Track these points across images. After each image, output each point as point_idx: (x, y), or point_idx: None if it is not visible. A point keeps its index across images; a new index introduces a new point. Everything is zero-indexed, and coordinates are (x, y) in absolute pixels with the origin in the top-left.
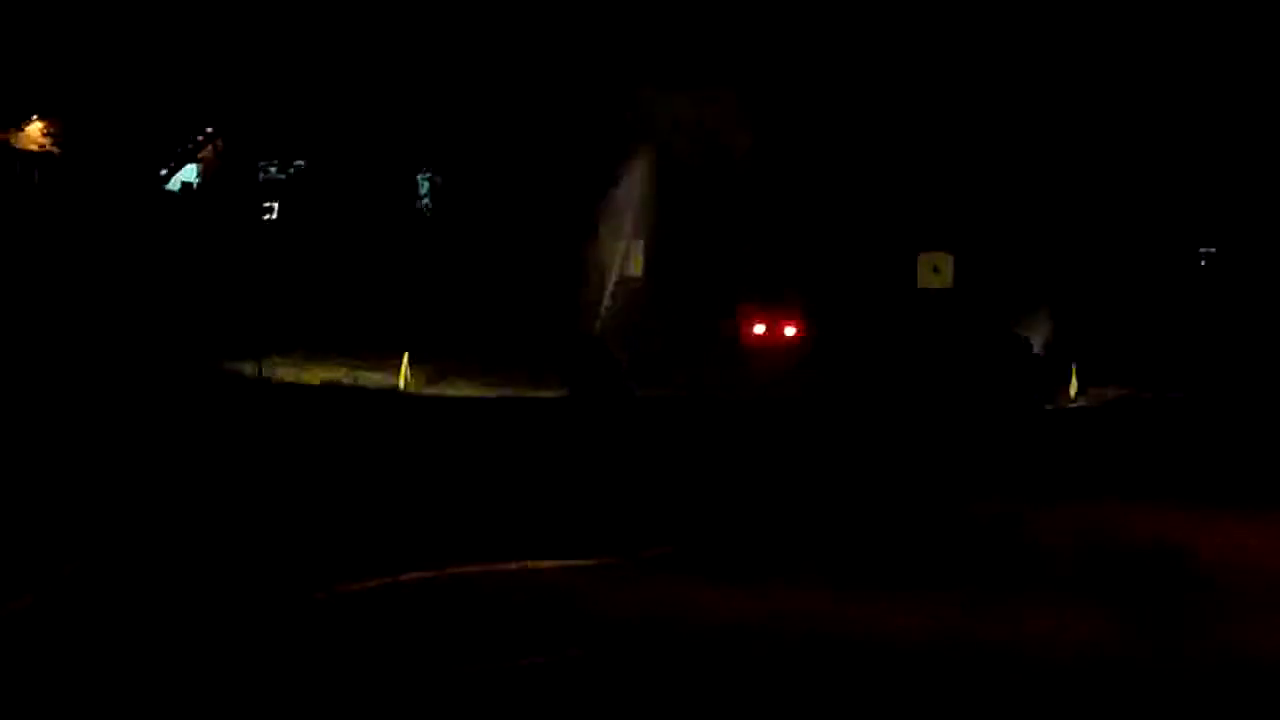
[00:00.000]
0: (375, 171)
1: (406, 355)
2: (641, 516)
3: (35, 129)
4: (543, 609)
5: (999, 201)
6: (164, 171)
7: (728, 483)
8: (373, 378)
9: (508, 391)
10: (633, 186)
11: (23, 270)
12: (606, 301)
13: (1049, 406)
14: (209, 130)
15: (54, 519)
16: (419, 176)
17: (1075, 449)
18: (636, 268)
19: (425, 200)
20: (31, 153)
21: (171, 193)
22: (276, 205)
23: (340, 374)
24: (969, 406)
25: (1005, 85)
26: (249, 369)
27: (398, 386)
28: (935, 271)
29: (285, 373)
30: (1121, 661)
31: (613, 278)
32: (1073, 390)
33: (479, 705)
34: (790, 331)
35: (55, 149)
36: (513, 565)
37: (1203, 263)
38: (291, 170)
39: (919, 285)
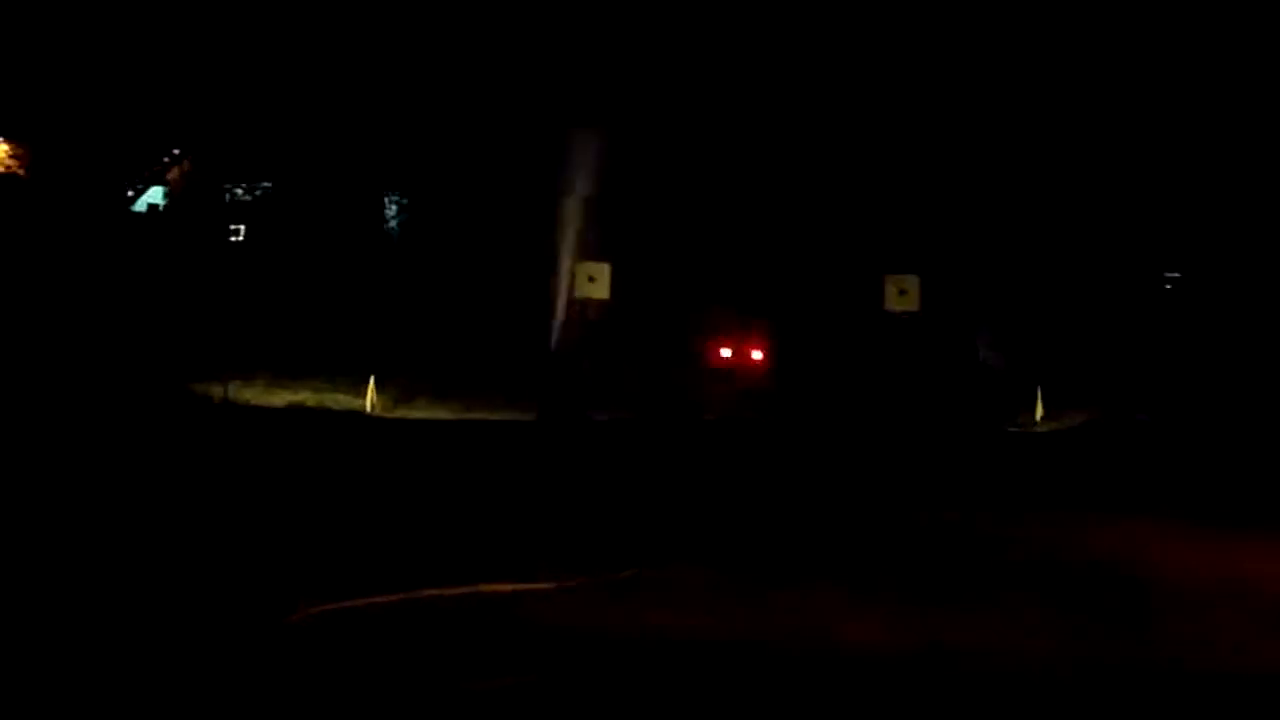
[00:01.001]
0: (342, 194)
1: (373, 378)
2: (606, 540)
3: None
4: (500, 631)
5: (966, 224)
6: (130, 193)
7: (695, 505)
8: (339, 400)
9: (474, 414)
10: (593, 210)
11: None
12: (559, 323)
13: (1013, 429)
14: (175, 152)
15: (19, 540)
16: (386, 199)
17: (1039, 472)
18: (603, 290)
19: (392, 223)
20: None
21: (138, 214)
22: (243, 227)
23: (305, 396)
24: (928, 429)
25: (972, 110)
26: (215, 391)
27: (364, 409)
28: (902, 294)
29: (251, 395)
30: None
31: (562, 301)
32: (1038, 414)
33: None
34: (757, 355)
35: (21, 171)
36: (473, 589)
37: (1168, 287)
38: (258, 192)
39: (885, 307)
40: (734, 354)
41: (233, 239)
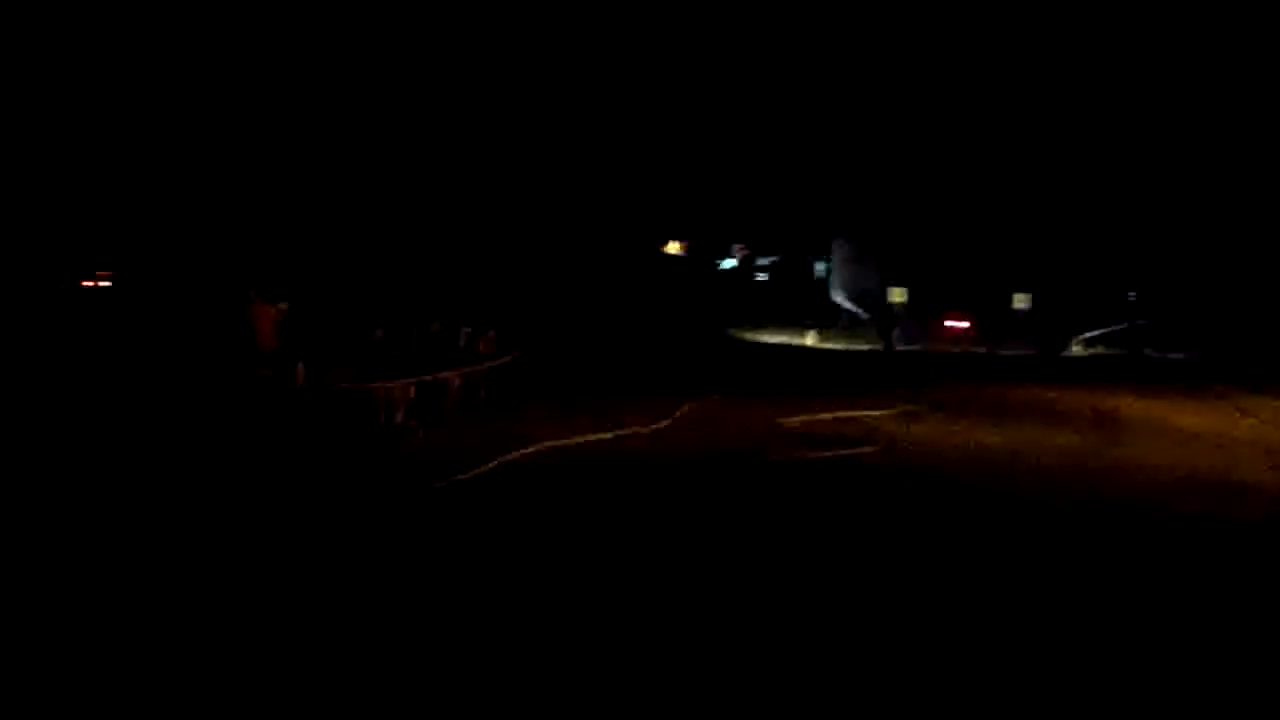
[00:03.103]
0: (798, 256)
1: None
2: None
3: (674, 245)
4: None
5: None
6: (718, 261)
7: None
8: (780, 337)
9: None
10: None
11: (655, 298)
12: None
13: (1062, 354)
14: (740, 243)
15: None
16: (814, 262)
17: (1072, 371)
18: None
19: (819, 274)
20: (672, 255)
21: (722, 270)
22: (766, 276)
23: (781, 337)
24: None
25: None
26: (734, 334)
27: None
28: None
29: (745, 335)
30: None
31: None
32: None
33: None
34: (965, 324)
35: (684, 254)
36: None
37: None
38: (773, 259)
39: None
40: (954, 323)
41: (759, 278)
